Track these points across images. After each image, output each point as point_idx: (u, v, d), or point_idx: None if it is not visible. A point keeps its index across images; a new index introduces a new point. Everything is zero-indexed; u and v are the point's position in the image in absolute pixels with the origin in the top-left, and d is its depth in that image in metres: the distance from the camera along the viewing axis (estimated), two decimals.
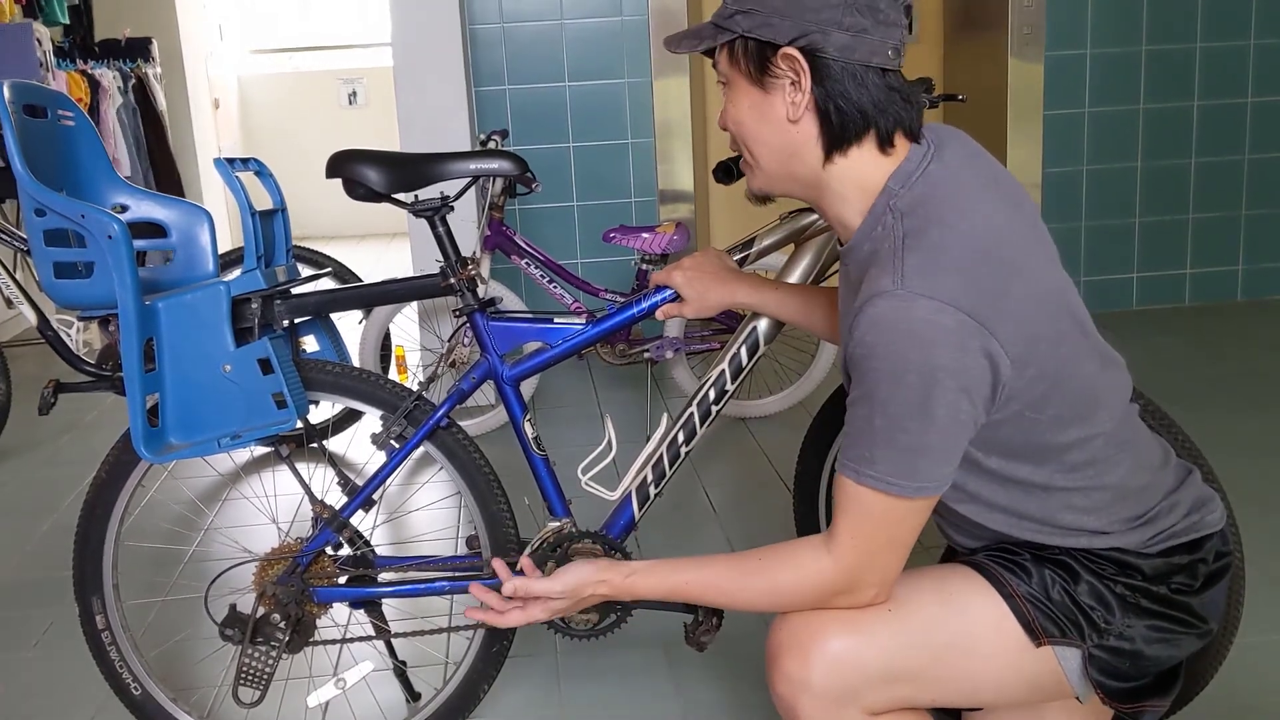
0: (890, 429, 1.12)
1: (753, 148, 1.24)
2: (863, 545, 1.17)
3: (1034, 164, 4.14)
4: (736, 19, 1.19)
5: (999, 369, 1.11)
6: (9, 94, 1.50)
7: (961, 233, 1.13)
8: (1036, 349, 1.13)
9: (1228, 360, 3.63)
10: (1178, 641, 1.24)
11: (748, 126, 1.23)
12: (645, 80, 4.00)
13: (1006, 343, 1.10)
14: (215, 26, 7.69)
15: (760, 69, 1.19)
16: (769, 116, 1.21)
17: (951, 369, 1.09)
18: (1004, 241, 1.15)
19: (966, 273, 1.10)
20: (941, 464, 1.14)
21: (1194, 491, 1.29)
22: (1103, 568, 1.23)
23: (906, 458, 1.12)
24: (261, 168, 1.70)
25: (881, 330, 1.10)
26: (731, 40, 1.20)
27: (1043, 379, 1.15)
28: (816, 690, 1.18)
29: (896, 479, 1.13)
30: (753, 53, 1.19)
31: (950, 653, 1.21)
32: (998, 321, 1.10)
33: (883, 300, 1.10)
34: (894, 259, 1.12)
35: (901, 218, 1.15)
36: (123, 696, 1.76)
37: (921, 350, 1.08)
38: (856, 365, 1.13)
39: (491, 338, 1.64)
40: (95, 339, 4.15)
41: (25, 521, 2.89)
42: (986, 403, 1.13)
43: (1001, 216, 1.17)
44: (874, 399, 1.12)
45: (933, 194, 1.16)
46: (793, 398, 3.30)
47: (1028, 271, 1.15)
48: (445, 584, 1.68)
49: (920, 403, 1.10)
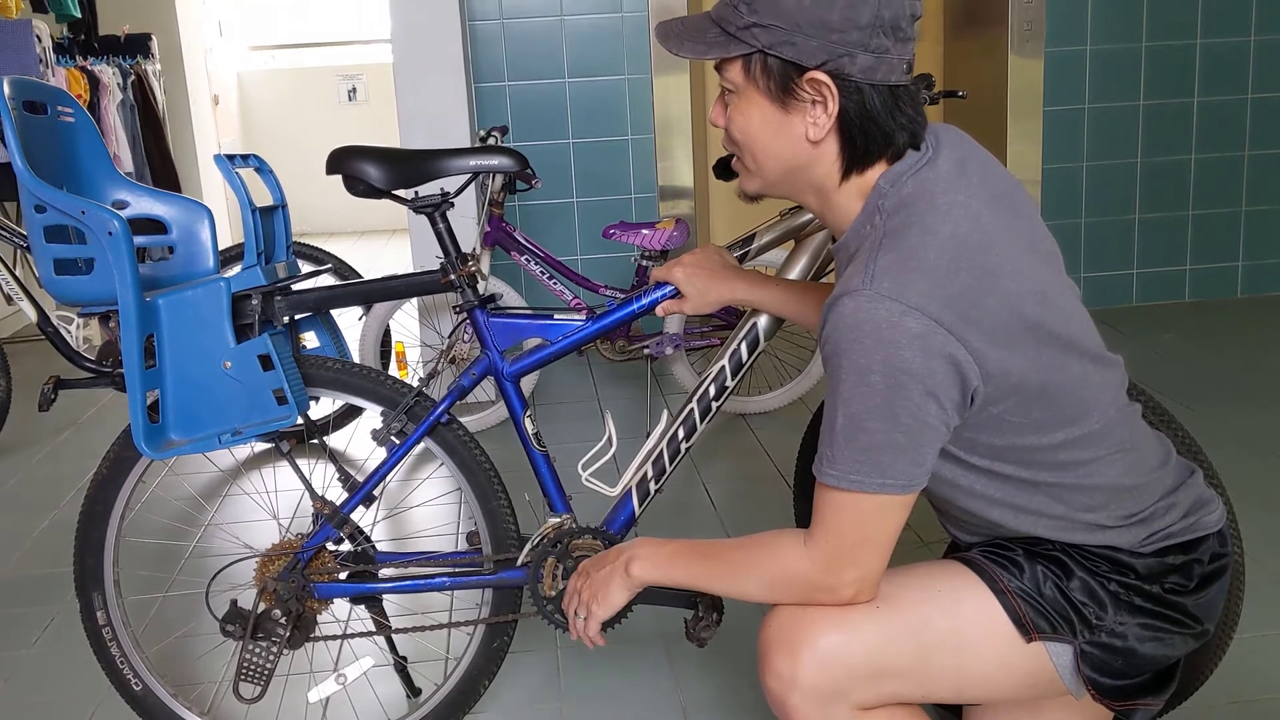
0: (851, 428, 1.12)
1: (759, 158, 1.22)
2: (835, 543, 1.17)
3: (1034, 160, 4.14)
4: (754, 32, 1.14)
5: (966, 376, 1.10)
6: (9, 90, 1.50)
7: (941, 236, 1.12)
8: (1015, 355, 1.12)
9: (1227, 357, 3.63)
10: (1171, 641, 1.24)
11: (757, 138, 1.20)
12: (645, 77, 4.00)
13: (977, 350, 1.10)
14: (215, 23, 7.69)
15: (782, 89, 1.15)
16: (785, 133, 1.18)
17: (916, 372, 1.08)
18: (986, 247, 1.14)
19: (939, 277, 1.10)
20: (908, 464, 1.13)
21: (1194, 492, 1.29)
22: (1096, 565, 1.23)
23: (868, 455, 1.12)
24: (261, 164, 1.70)
25: (846, 329, 1.10)
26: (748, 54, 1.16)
27: (1024, 385, 1.14)
28: (805, 687, 1.18)
29: (858, 476, 1.13)
30: (775, 71, 1.15)
31: (940, 648, 1.21)
32: (968, 328, 1.09)
33: (849, 299, 1.10)
34: (869, 258, 1.12)
35: (886, 217, 1.15)
36: (123, 692, 1.76)
37: (885, 352, 1.08)
38: (826, 362, 1.14)
39: (491, 334, 1.64)
40: (95, 335, 4.15)
41: (26, 518, 2.89)
42: (958, 406, 1.12)
43: (988, 220, 1.16)
44: (840, 397, 1.12)
45: (919, 195, 1.16)
46: (793, 394, 3.30)
47: (1010, 277, 1.14)
48: (446, 580, 1.68)
49: (884, 403, 1.10)
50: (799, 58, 1.13)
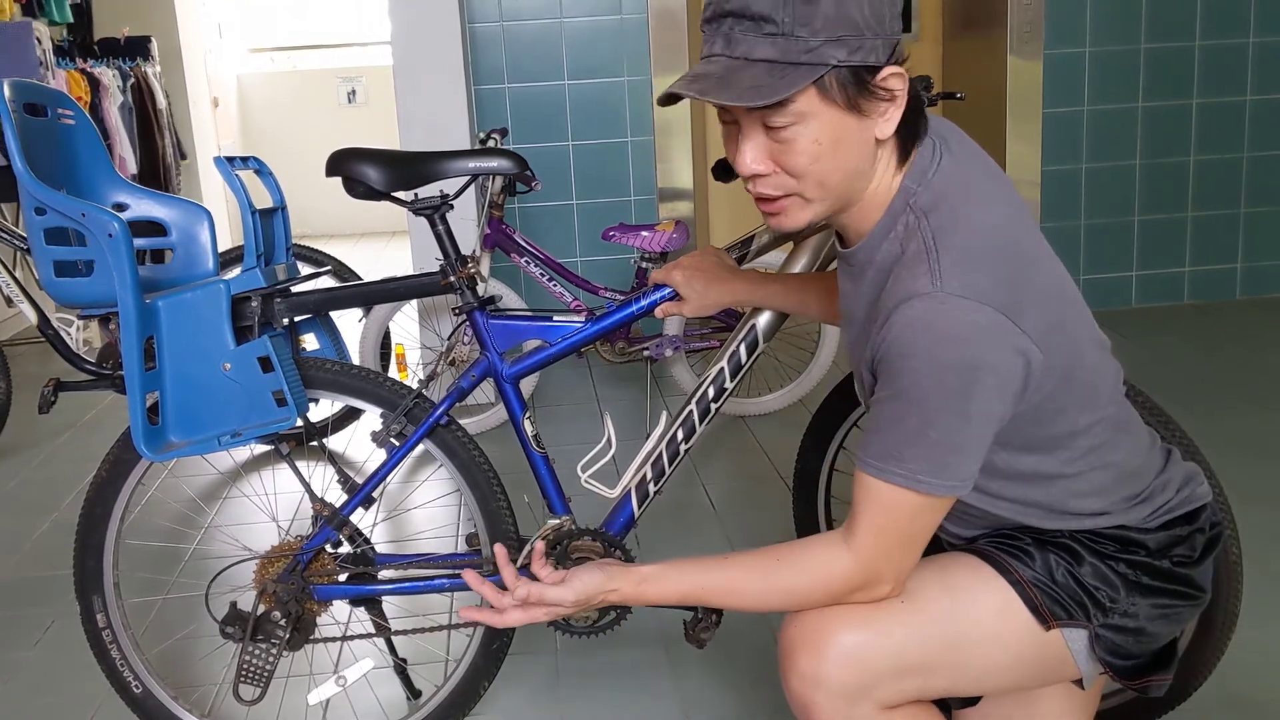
0: (923, 427, 1.11)
1: (829, 179, 1.16)
2: (883, 542, 1.17)
3: (1033, 162, 4.14)
4: (824, 51, 1.08)
5: (1031, 363, 1.11)
6: (9, 93, 1.50)
7: (987, 228, 1.14)
8: (1053, 339, 1.14)
9: (1226, 358, 3.63)
10: (1178, 614, 1.27)
11: (827, 160, 1.14)
12: (645, 79, 4.00)
13: (1035, 336, 1.11)
14: (214, 25, 7.70)
15: (860, 94, 1.12)
16: (859, 140, 1.14)
17: (990, 367, 1.09)
18: (1023, 233, 1.16)
19: (996, 268, 1.11)
20: (971, 462, 1.14)
21: (1181, 468, 1.32)
22: (1104, 547, 1.25)
23: (938, 455, 1.12)
24: (261, 166, 1.70)
25: (919, 330, 1.09)
26: (823, 74, 1.10)
27: (1057, 368, 1.15)
28: (831, 686, 1.18)
29: (926, 477, 1.13)
30: (848, 79, 1.11)
31: (962, 642, 1.22)
32: (1025, 315, 1.10)
33: (920, 302, 1.10)
34: (928, 259, 1.11)
35: (924, 215, 1.15)
36: (123, 694, 1.76)
37: (960, 350, 1.08)
38: (890, 364, 1.12)
39: (491, 336, 1.65)
40: (95, 337, 4.16)
41: (25, 520, 2.89)
42: (1015, 399, 1.13)
43: (1012, 208, 1.19)
44: (908, 398, 1.11)
45: (950, 190, 1.17)
46: (792, 395, 3.30)
47: (1041, 262, 1.17)
48: (445, 582, 1.68)
49: (958, 402, 1.10)
50: (873, 60, 1.11)
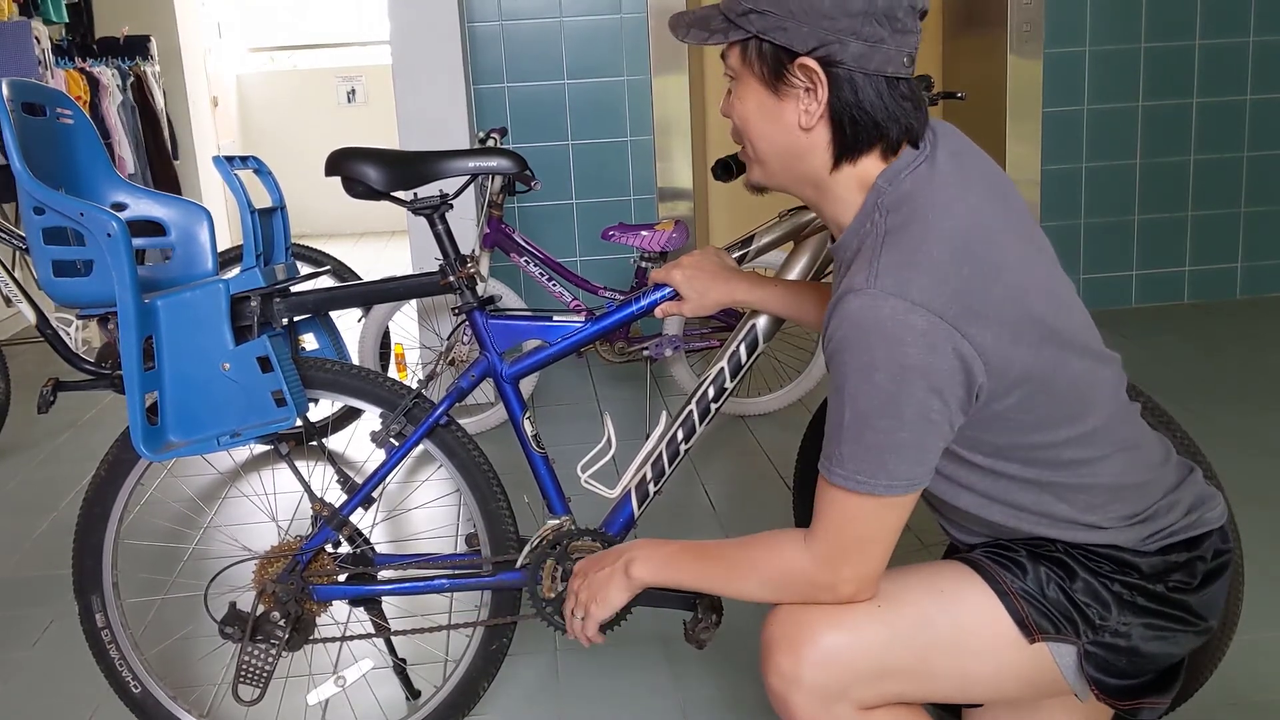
0: (858, 426, 1.12)
1: (757, 144, 1.24)
2: (835, 541, 1.18)
3: (1033, 161, 4.14)
4: (750, 18, 1.17)
5: (972, 371, 1.10)
6: (8, 92, 1.49)
7: (942, 231, 1.12)
8: (1019, 350, 1.13)
9: (1227, 358, 3.63)
10: (1175, 639, 1.24)
11: (754, 125, 1.22)
12: (644, 78, 4.00)
13: (982, 345, 1.10)
14: (214, 24, 7.69)
15: (775, 74, 1.17)
16: (779, 120, 1.20)
17: (921, 369, 1.09)
18: (987, 240, 1.14)
19: (942, 273, 1.10)
20: (912, 463, 1.13)
21: (1195, 490, 1.29)
22: (1099, 565, 1.23)
23: (874, 455, 1.12)
24: (260, 166, 1.70)
25: (851, 327, 1.10)
26: (745, 39, 1.19)
27: (1027, 380, 1.14)
28: (808, 685, 1.19)
29: (864, 477, 1.13)
30: (767, 56, 1.17)
31: (941, 648, 1.21)
32: (973, 323, 1.09)
33: (854, 297, 1.10)
34: (873, 256, 1.12)
35: (886, 214, 1.16)
36: (122, 695, 1.76)
37: (889, 349, 1.08)
38: (830, 360, 1.15)
39: (490, 335, 1.64)
40: (94, 337, 4.15)
41: (25, 519, 2.89)
42: (962, 403, 1.12)
43: (988, 214, 1.17)
44: (845, 394, 1.13)
45: (918, 191, 1.16)
46: (792, 395, 3.30)
47: (1011, 271, 1.14)
48: (445, 582, 1.68)
49: (889, 401, 1.10)
50: (790, 43, 1.14)
